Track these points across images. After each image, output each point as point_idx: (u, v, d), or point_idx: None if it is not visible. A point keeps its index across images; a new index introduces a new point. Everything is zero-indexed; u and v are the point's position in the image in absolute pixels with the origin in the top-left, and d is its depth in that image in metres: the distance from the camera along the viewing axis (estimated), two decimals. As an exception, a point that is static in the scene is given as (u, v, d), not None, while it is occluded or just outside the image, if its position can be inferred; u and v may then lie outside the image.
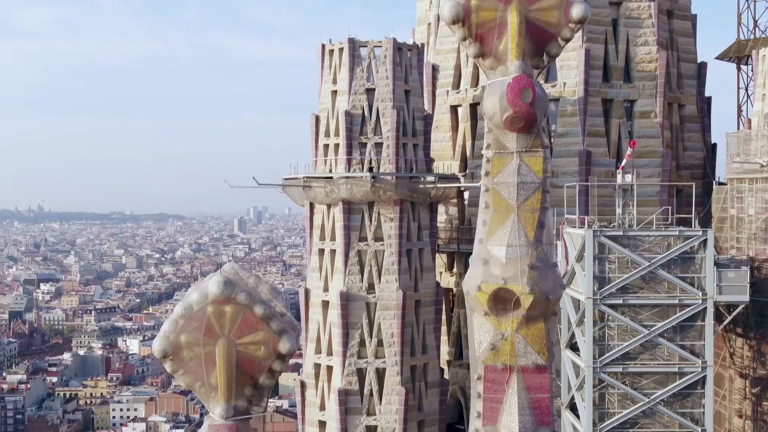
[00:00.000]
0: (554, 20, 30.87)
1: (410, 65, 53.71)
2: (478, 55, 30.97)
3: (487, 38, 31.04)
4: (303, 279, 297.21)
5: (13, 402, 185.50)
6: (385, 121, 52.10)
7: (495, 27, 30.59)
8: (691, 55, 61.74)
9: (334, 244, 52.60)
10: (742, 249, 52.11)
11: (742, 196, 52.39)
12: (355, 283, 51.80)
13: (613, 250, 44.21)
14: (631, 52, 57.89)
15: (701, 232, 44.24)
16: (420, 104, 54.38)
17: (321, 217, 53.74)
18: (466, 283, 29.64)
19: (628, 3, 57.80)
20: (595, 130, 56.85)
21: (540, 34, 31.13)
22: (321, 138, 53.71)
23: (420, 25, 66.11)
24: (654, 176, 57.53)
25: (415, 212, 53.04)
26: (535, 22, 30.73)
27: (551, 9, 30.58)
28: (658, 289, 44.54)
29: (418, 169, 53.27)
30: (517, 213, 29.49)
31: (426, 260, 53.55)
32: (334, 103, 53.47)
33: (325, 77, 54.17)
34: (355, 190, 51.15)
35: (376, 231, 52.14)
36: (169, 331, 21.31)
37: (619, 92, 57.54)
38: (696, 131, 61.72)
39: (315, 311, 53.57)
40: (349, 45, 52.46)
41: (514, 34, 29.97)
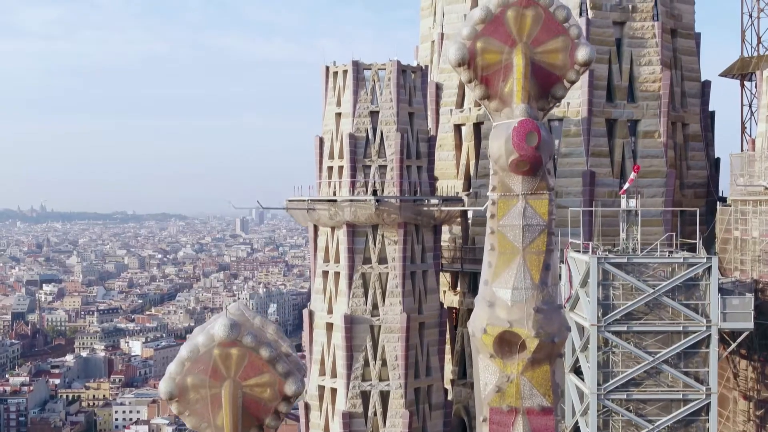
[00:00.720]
0: (560, 62, 30.92)
1: (414, 87, 53.71)
2: (483, 97, 30.98)
3: (492, 80, 31.06)
4: (305, 280, 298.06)
5: (16, 404, 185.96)
6: (389, 143, 52.12)
7: (500, 69, 30.61)
8: (694, 74, 61.68)
9: (338, 267, 52.64)
10: (746, 271, 52.11)
11: (746, 218, 52.37)
12: (359, 305, 51.85)
13: (617, 276, 44.29)
14: (634, 71, 57.87)
15: (705, 259, 44.28)
16: (424, 126, 54.40)
17: (325, 239, 53.77)
18: (472, 324, 29.69)
19: (632, 23, 57.77)
20: (598, 150, 56.85)
21: (545, 76, 31.17)
22: (325, 160, 53.75)
23: (423, 42, 66.07)
24: (658, 196, 57.53)
25: (419, 234, 53.07)
26: (541, 65, 30.76)
27: (557, 51, 30.61)
28: (662, 316, 44.61)
29: (422, 191, 53.28)
30: (523, 255, 29.56)
31: (430, 282, 53.59)
32: (338, 125, 53.48)
33: (329, 99, 54.18)
34: (359, 213, 51.18)
35: (380, 253, 52.18)
36: (176, 372, 21.39)
37: (622, 112, 57.52)
38: (700, 150, 61.70)
39: (319, 333, 53.63)
40: (353, 68, 52.47)
41: (519, 77, 30.03)
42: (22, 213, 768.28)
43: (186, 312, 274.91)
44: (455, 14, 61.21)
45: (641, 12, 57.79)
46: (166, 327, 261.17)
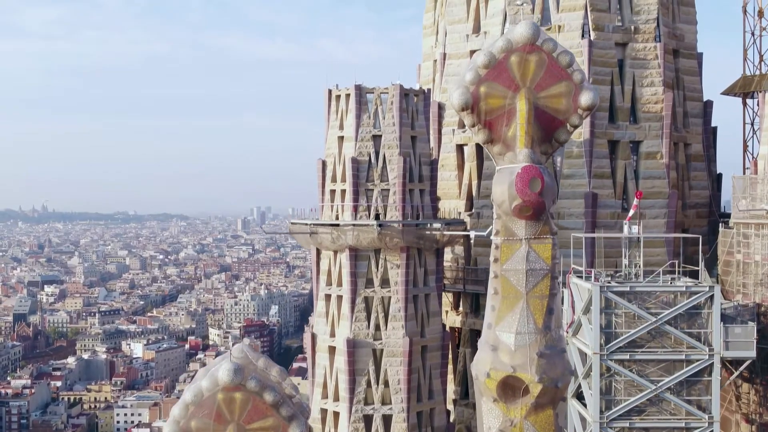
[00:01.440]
0: (563, 107, 31.00)
1: (417, 110, 53.77)
2: (486, 142, 31.03)
3: (495, 125, 31.13)
4: (307, 281, 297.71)
5: (18, 407, 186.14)
6: (391, 167, 52.17)
7: (504, 114, 30.68)
8: (697, 94, 61.69)
9: (341, 290, 52.73)
10: (748, 294, 52.11)
11: (749, 241, 52.36)
12: (362, 329, 51.93)
13: (620, 304, 44.32)
14: (637, 92, 57.88)
15: (708, 287, 44.32)
16: (426, 149, 54.46)
17: (328, 263, 53.84)
18: (475, 367, 29.74)
19: (634, 44, 57.77)
20: (601, 172, 56.87)
21: (549, 120, 31.24)
22: (327, 183, 53.81)
23: (426, 61, 66.09)
24: (660, 217, 57.59)
25: (421, 258, 53.15)
26: (544, 109, 30.85)
27: (560, 96, 30.70)
28: (664, 344, 44.67)
29: (425, 214, 53.33)
30: (526, 300, 29.65)
31: (432, 305, 53.67)
32: (340, 148, 53.54)
33: (331, 122, 54.24)
34: (362, 237, 51.27)
35: (382, 277, 52.28)
36: (180, 416, 21.56)
37: (625, 133, 57.54)
38: (702, 170, 61.73)
39: (321, 356, 53.71)
40: (356, 92, 52.52)
41: (522, 122, 30.11)
42: (23, 213, 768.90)
43: (187, 313, 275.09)
44: (457, 34, 61.24)
45: (643, 33, 57.79)
46: (167, 329, 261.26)
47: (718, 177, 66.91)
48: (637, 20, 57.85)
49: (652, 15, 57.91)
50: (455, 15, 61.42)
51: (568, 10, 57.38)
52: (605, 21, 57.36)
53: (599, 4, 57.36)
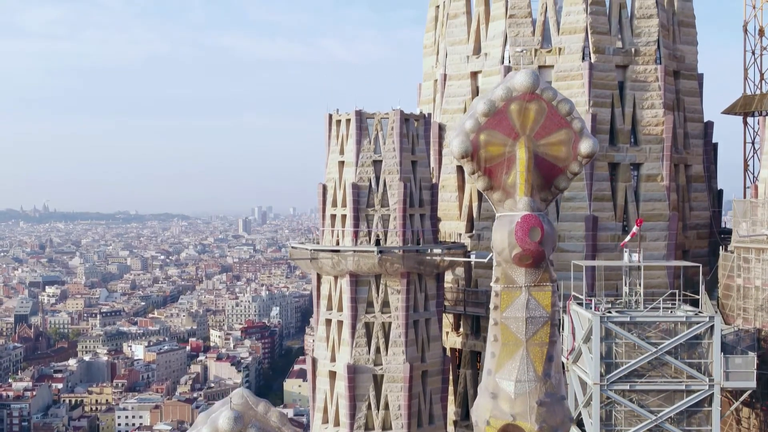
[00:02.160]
0: (563, 155, 31.04)
1: (417, 135, 53.78)
2: (486, 189, 31.09)
3: (495, 172, 31.17)
4: (308, 282, 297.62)
5: (19, 409, 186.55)
6: (392, 192, 52.18)
7: (504, 161, 30.71)
8: (697, 115, 61.68)
9: (341, 315, 52.77)
10: (749, 319, 52.14)
11: (749, 266, 52.37)
12: (363, 354, 51.99)
13: (620, 334, 44.36)
14: (637, 115, 57.86)
15: (708, 318, 44.37)
16: (427, 174, 54.47)
17: (328, 287, 53.88)
18: (475, 413, 29.81)
19: (635, 66, 57.75)
20: (601, 195, 56.86)
21: (548, 168, 31.27)
22: (328, 208, 53.82)
23: (426, 81, 66.06)
24: (660, 239, 57.60)
25: (422, 282, 53.18)
26: (544, 157, 30.87)
27: (560, 144, 30.74)
28: (665, 373, 44.73)
29: (425, 239, 53.33)
30: (526, 347, 29.71)
31: (433, 330, 53.73)
32: (341, 173, 53.55)
33: (332, 147, 54.25)
34: (362, 262, 51.30)
35: (383, 302, 52.33)
36: None
37: (625, 156, 57.52)
38: (702, 191, 61.71)
39: (322, 381, 53.76)
40: (356, 117, 52.52)
41: (522, 170, 30.15)
42: (24, 213, 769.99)
43: (188, 315, 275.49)
44: (458, 55, 61.20)
45: (644, 55, 57.76)
46: (168, 330, 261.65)
47: (719, 193, 66.93)
48: (638, 42, 57.82)
49: (652, 37, 57.88)
50: (455, 36, 61.40)
51: (569, 32, 57.34)
52: (606, 43, 57.32)
53: (600, 26, 57.33)
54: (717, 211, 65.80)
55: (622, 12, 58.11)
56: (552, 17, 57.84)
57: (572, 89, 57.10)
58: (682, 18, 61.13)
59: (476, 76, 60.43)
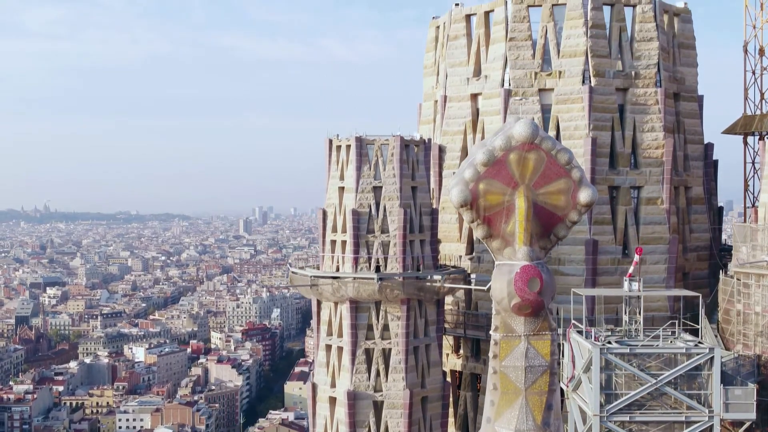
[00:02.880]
0: (562, 204, 31.16)
1: (417, 161, 53.80)
2: (485, 237, 31.19)
3: (494, 220, 31.31)
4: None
5: (20, 412, 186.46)
6: (392, 219, 52.21)
7: (503, 210, 30.88)
8: (697, 137, 61.66)
9: (341, 341, 52.83)
10: (749, 345, 52.18)
11: (749, 291, 52.37)
12: (362, 381, 52.05)
13: (620, 365, 44.35)
14: (637, 138, 57.85)
15: (708, 349, 44.36)
16: (427, 199, 54.47)
17: (328, 313, 53.94)
18: (475, 461, 29.71)
19: (635, 89, 57.74)
20: (601, 218, 56.84)
21: (548, 216, 31.40)
22: (328, 233, 53.84)
23: (426, 101, 66.03)
24: (660, 263, 57.61)
25: (422, 308, 53.24)
26: (543, 206, 30.97)
27: (559, 193, 30.84)
28: (665, 403, 44.73)
29: (425, 265, 53.34)
30: (525, 396, 29.77)
31: (433, 355, 53.78)
32: (341, 199, 53.58)
33: (332, 173, 54.26)
34: (362, 289, 51.36)
35: (383, 329, 52.37)
36: None
37: (625, 179, 57.52)
38: (702, 212, 61.68)
39: (322, 406, 53.83)
40: (356, 143, 52.54)
41: (522, 219, 30.28)
42: (25, 213, 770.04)
43: (189, 316, 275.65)
44: (458, 77, 61.17)
45: (644, 78, 57.75)
46: (169, 332, 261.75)
47: (719, 210, 66.93)
48: (638, 65, 57.80)
49: (652, 60, 57.86)
50: (456, 58, 61.37)
51: (569, 55, 57.31)
52: (606, 67, 57.31)
53: (600, 49, 57.31)
54: (717, 228, 65.81)
55: (622, 35, 58.08)
56: (552, 40, 57.83)
57: (572, 112, 57.12)
58: (682, 40, 61.10)
59: (476, 98, 60.44)
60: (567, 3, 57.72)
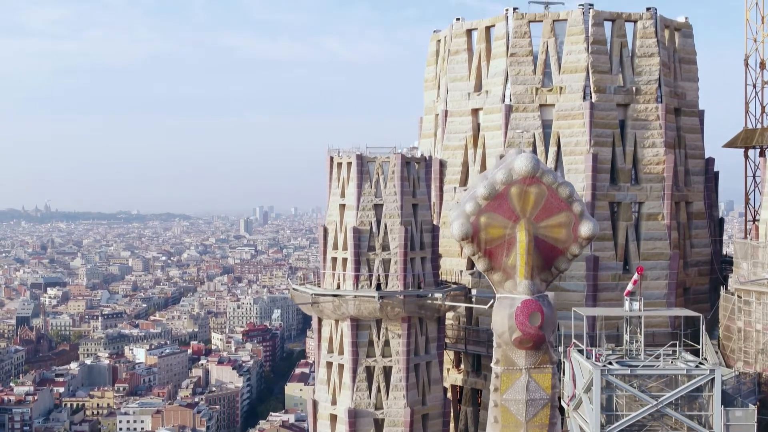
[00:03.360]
0: (563, 237, 31.18)
1: (418, 178, 53.82)
2: (486, 270, 31.19)
3: (495, 254, 31.34)
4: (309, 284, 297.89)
5: (21, 414, 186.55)
6: (393, 236, 52.23)
7: (504, 243, 30.92)
8: (698, 151, 61.65)
9: (342, 359, 52.86)
10: (749, 363, 52.22)
11: (750, 309, 52.39)
12: (363, 398, 52.09)
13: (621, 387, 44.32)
14: (638, 153, 57.85)
15: (708, 371, 44.35)
16: (428, 216, 54.46)
17: (329, 330, 53.97)
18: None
19: (636, 105, 57.73)
20: (602, 234, 56.59)
21: (549, 249, 31.43)
22: (329, 250, 53.85)
23: (427, 114, 66.03)
24: (661, 278, 57.61)
25: (422, 326, 53.28)
26: (544, 239, 30.99)
27: (560, 226, 30.89)
28: (665, 423, 44.69)
29: (426, 282, 53.35)
30: (526, 429, 29.80)
31: (434, 372, 53.81)
32: (342, 216, 53.59)
33: (333, 190, 54.29)
34: (363, 307, 51.39)
35: (383, 347, 52.43)
36: None
37: (626, 195, 57.50)
38: (703, 227, 61.66)
39: (323, 424, 53.90)
40: (357, 161, 52.55)
41: (523, 253, 30.31)
42: (26, 213, 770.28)
43: (190, 317, 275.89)
44: (459, 92, 61.17)
45: (645, 94, 57.74)
46: (170, 333, 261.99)
47: (720, 222, 66.91)
48: (639, 81, 57.80)
49: (653, 76, 57.85)
50: (457, 72, 61.35)
51: (570, 71, 57.30)
52: (607, 82, 57.31)
53: (601, 65, 57.30)
54: (718, 240, 65.79)
55: (623, 51, 58.07)
56: (553, 56, 57.81)
57: (573, 128, 57.15)
58: (683, 55, 61.08)
59: (477, 113, 60.46)
60: (568, 19, 57.74)
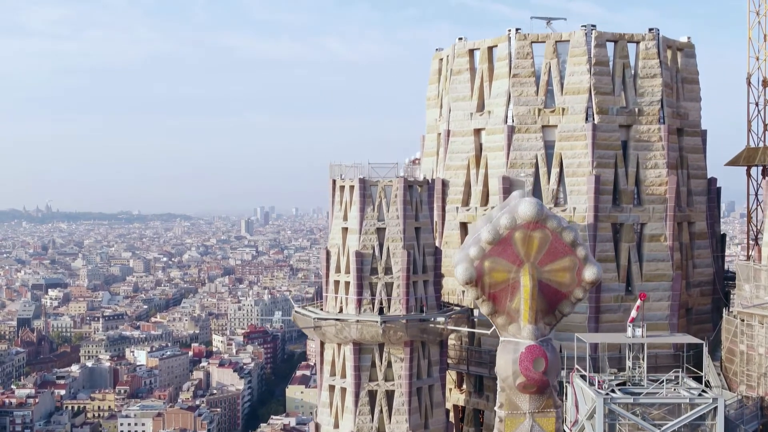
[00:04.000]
0: (567, 281, 31.17)
1: (420, 201, 53.78)
2: (490, 313, 31.18)
3: (500, 297, 31.30)
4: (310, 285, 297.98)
5: (22, 416, 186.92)
6: (395, 260, 52.19)
7: (508, 287, 30.88)
8: (701, 171, 61.58)
9: (345, 382, 52.87)
10: (752, 386, 52.24)
11: (752, 333, 52.41)
12: (366, 422, 52.12)
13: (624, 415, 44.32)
14: (641, 174, 57.77)
15: (711, 399, 44.35)
16: (430, 239, 54.42)
17: (332, 353, 53.97)
18: None
19: (638, 126, 57.66)
20: (604, 256, 56.70)
21: (552, 293, 31.40)
22: (332, 274, 53.83)
23: (429, 133, 65.97)
24: (664, 299, 57.54)
25: (425, 349, 53.25)
26: (548, 283, 30.94)
27: (564, 270, 30.86)
28: (668, 450, 44.72)
29: (429, 305, 53.31)
30: (530, 473, 29.62)
31: (436, 396, 53.80)
32: (344, 240, 53.57)
33: (336, 213, 54.27)
34: (366, 331, 51.40)
35: (386, 371, 52.42)
36: None
37: (629, 216, 57.42)
38: (706, 247, 61.60)
39: (326, 447, 53.90)
40: (360, 184, 52.52)
41: (527, 297, 30.29)
42: (27, 213, 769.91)
43: (191, 319, 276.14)
44: (461, 111, 61.11)
45: (647, 115, 57.68)
46: (171, 334, 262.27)
47: (722, 238, 66.83)
48: (641, 102, 57.73)
49: (656, 97, 57.78)
50: (459, 92, 61.29)
51: (572, 92, 57.25)
52: (609, 104, 57.24)
53: (603, 86, 57.24)
54: (720, 256, 65.72)
55: (626, 71, 57.99)
56: (556, 77, 57.76)
57: (576, 149, 57.09)
58: (686, 75, 61.01)
59: (480, 133, 60.39)
60: (570, 40, 57.68)
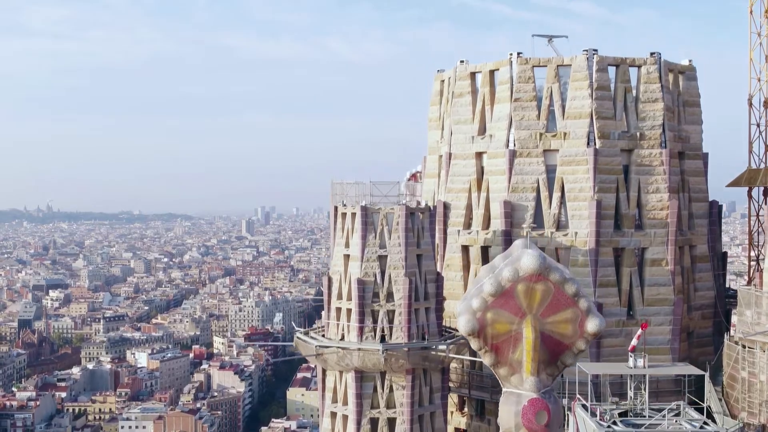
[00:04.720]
0: (569, 332, 31.19)
1: (422, 228, 53.85)
2: (493, 364, 31.22)
3: (502, 349, 31.32)
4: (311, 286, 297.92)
5: (23, 419, 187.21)
6: (397, 288, 52.28)
7: (510, 338, 30.91)
8: (702, 194, 61.58)
9: (346, 410, 52.96)
10: (754, 414, 52.28)
11: (754, 360, 52.42)
12: (368, 450, 52.19)
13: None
14: (642, 199, 57.78)
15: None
16: (432, 266, 54.50)
17: (333, 380, 54.07)
18: None
19: (640, 150, 57.66)
20: (606, 281, 56.84)
21: (555, 344, 31.42)
22: (333, 300, 53.92)
23: (431, 154, 65.98)
24: (665, 324, 57.60)
25: (426, 377, 53.34)
26: (550, 334, 30.96)
27: (566, 322, 30.89)
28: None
29: (430, 333, 53.38)
30: None
31: (438, 423, 53.93)
32: (346, 266, 53.64)
33: (337, 240, 54.34)
34: (367, 359, 51.50)
35: (388, 398, 52.52)
36: None
37: (630, 240, 57.46)
38: (707, 270, 61.61)
39: (328, 474, 54.00)
40: (362, 212, 52.58)
41: (529, 349, 30.31)
42: (28, 213, 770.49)
43: (192, 320, 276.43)
44: (463, 134, 61.09)
45: (649, 139, 57.68)
46: (171, 336, 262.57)
47: (723, 256, 66.80)
48: (643, 126, 57.72)
49: (657, 121, 57.78)
50: (461, 115, 61.29)
51: (574, 117, 57.25)
52: (611, 128, 57.24)
53: (605, 111, 57.23)
54: (721, 273, 65.72)
55: (627, 96, 57.97)
56: (557, 101, 57.75)
57: (577, 174, 57.11)
58: (687, 98, 60.99)
59: (481, 156, 60.39)
60: (572, 64, 57.66)
